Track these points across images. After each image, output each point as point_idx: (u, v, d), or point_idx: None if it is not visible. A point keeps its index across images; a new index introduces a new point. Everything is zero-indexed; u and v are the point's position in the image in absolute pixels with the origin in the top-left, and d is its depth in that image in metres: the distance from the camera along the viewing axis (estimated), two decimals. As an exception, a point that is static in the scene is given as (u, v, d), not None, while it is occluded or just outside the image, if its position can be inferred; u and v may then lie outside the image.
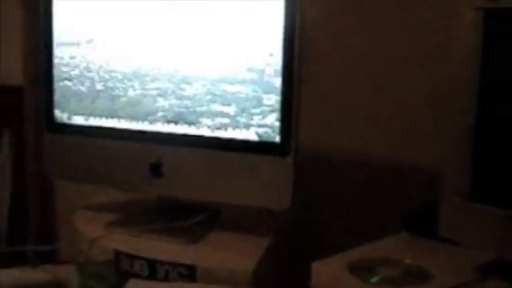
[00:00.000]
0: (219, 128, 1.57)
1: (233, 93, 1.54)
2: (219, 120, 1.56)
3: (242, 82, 1.53)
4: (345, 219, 1.82)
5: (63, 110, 1.72)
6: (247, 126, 1.54)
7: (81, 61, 1.69)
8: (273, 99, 1.51)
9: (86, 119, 1.70)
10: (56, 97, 1.72)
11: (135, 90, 1.64)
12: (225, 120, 1.56)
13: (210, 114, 1.57)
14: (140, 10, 1.62)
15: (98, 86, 1.67)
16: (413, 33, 1.79)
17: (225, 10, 1.54)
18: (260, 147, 1.54)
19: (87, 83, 1.69)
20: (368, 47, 1.84)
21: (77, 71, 1.69)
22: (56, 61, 1.71)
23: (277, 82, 1.50)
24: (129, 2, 1.63)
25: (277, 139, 1.52)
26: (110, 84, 1.66)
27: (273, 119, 1.52)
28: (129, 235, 1.62)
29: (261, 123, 1.53)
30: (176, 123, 1.60)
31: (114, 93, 1.66)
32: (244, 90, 1.53)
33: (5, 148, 1.92)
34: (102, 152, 1.68)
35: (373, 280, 1.40)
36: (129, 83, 1.64)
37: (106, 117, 1.67)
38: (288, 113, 1.50)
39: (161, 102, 1.61)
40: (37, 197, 2.14)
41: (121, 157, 1.66)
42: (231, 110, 1.55)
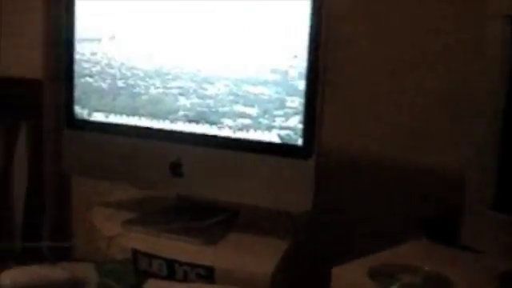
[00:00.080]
0: (241, 129, 1.56)
1: (255, 94, 1.53)
2: (241, 121, 1.55)
3: (265, 84, 1.52)
4: (366, 222, 1.81)
5: (83, 107, 1.71)
6: (269, 128, 1.53)
7: (102, 57, 1.68)
8: (296, 102, 1.50)
9: (107, 116, 1.69)
10: (76, 93, 1.71)
11: (157, 89, 1.62)
12: (247, 121, 1.55)
13: (232, 115, 1.56)
14: (164, 9, 1.61)
15: (119, 83, 1.66)
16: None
17: (250, 10, 1.53)
18: (282, 149, 1.52)
19: (108, 80, 1.68)
20: (385, 51, 1.83)
21: (98, 67, 1.68)
22: (77, 57, 1.70)
23: (300, 85, 1.49)
24: (152, 1, 1.62)
25: (299, 142, 1.51)
26: (132, 81, 1.65)
27: (295, 122, 1.51)
28: (147, 234, 1.61)
29: (283, 125, 1.52)
30: (197, 123, 1.59)
31: (136, 90, 1.65)
32: (267, 92, 1.52)
33: (22, 142, 1.92)
34: (122, 150, 1.67)
35: (393, 287, 1.39)
36: (150, 81, 1.63)
37: (127, 114, 1.66)
38: (311, 116, 1.49)
39: (182, 101, 1.60)
40: (53, 193, 2.13)
41: (141, 155, 1.65)
42: (253, 112, 1.54)
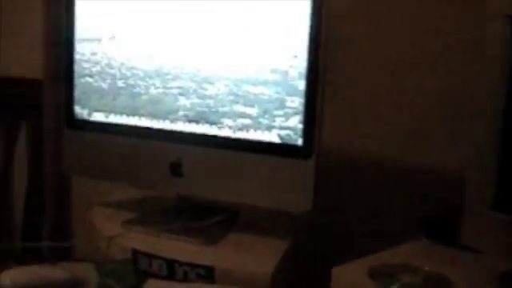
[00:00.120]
0: (241, 129, 1.56)
1: (255, 94, 1.53)
2: (241, 121, 1.55)
3: (265, 84, 1.52)
4: (366, 222, 1.81)
5: (83, 107, 1.71)
6: (269, 128, 1.53)
7: (102, 57, 1.68)
8: (296, 102, 1.50)
9: (107, 116, 1.69)
10: (76, 93, 1.71)
11: (157, 89, 1.62)
12: (247, 121, 1.55)
13: (232, 115, 1.56)
14: (164, 9, 1.61)
15: (119, 83, 1.66)
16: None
17: (250, 10, 1.53)
18: (282, 149, 1.52)
19: (108, 80, 1.68)
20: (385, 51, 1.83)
21: (98, 68, 1.68)
22: (77, 57, 1.70)
23: (300, 85, 1.49)
24: (152, 1, 1.62)
25: (299, 142, 1.51)
26: (132, 81, 1.65)
27: (295, 122, 1.51)
28: (147, 234, 1.61)
29: (283, 125, 1.52)
30: (197, 123, 1.59)
31: (135, 90, 1.65)
32: (267, 92, 1.52)
33: (22, 142, 1.92)
34: (122, 150, 1.67)
35: (393, 286, 1.39)
36: (150, 81, 1.63)
37: (127, 114, 1.66)
38: (311, 116, 1.49)
39: (182, 101, 1.60)
40: (53, 193, 2.13)
41: (141, 155, 1.65)
42: (253, 112, 1.54)
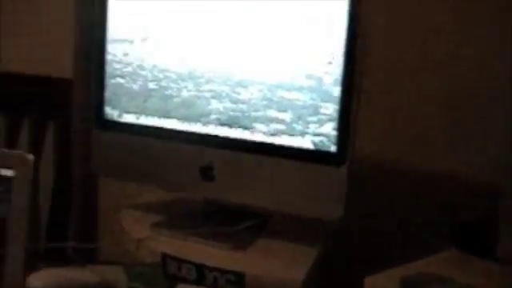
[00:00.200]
0: (274, 134, 1.54)
1: (289, 99, 1.52)
2: (274, 126, 1.54)
3: (300, 89, 1.51)
4: (398, 230, 1.79)
5: (114, 108, 1.70)
6: (302, 134, 1.52)
7: (134, 58, 1.67)
8: (330, 108, 1.48)
9: (137, 118, 1.67)
10: (107, 93, 1.70)
11: (189, 91, 1.61)
12: (280, 126, 1.53)
13: (265, 120, 1.54)
14: (197, 11, 1.59)
15: (151, 85, 1.65)
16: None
17: (284, 15, 1.51)
18: (315, 156, 1.51)
19: (140, 81, 1.66)
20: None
21: (130, 69, 1.67)
22: (109, 57, 1.69)
23: (335, 91, 1.48)
24: (186, 2, 1.60)
25: (332, 149, 1.50)
26: (164, 83, 1.64)
27: (329, 128, 1.49)
28: (175, 238, 1.60)
29: (317, 132, 1.50)
30: (230, 127, 1.58)
31: (167, 93, 1.64)
32: (301, 98, 1.51)
33: (49, 142, 1.91)
34: (152, 152, 1.65)
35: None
36: (183, 84, 1.62)
37: (158, 116, 1.65)
38: (346, 122, 1.48)
39: (215, 105, 1.59)
40: (80, 193, 2.12)
41: (171, 158, 1.64)
42: (287, 117, 1.52)
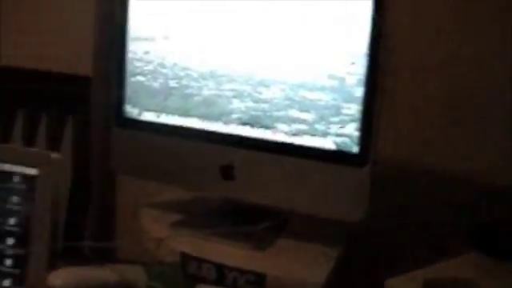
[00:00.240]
0: (295, 134, 1.53)
1: (312, 99, 1.51)
2: (296, 126, 1.53)
3: (322, 89, 1.50)
4: (420, 232, 1.78)
5: (134, 106, 1.69)
6: (325, 134, 1.51)
7: (155, 57, 1.66)
8: (353, 109, 1.47)
9: (158, 116, 1.67)
10: (127, 92, 1.69)
11: (210, 90, 1.60)
12: (302, 126, 1.52)
13: (287, 120, 1.53)
14: (219, 10, 1.58)
15: (172, 84, 1.65)
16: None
17: (307, 14, 1.50)
18: (337, 156, 1.50)
19: (160, 80, 1.66)
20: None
21: (150, 67, 1.67)
22: (129, 55, 1.68)
23: (358, 92, 1.47)
24: (208, 2, 1.60)
25: (354, 149, 1.49)
26: (185, 82, 1.63)
27: (352, 129, 1.48)
28: (195, 237, 1.59)
29: (339, 132, 1.49)
30: (251, 126, 1.57)
31: (188, 91, 1.63)
32: (324, 98, 1.49)
33: (67, 140, 1.91)
34: (172, 150, 1.64)
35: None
36: (204, 82, 1.61)
37: (179, 115, 1.64)
38: (368, 123, 1.47)
39: (236, 104, 1.58)
40: (98, 191, 2.11)
41: (191, 157, 1.63)
42: (309, 117, 1.51)
